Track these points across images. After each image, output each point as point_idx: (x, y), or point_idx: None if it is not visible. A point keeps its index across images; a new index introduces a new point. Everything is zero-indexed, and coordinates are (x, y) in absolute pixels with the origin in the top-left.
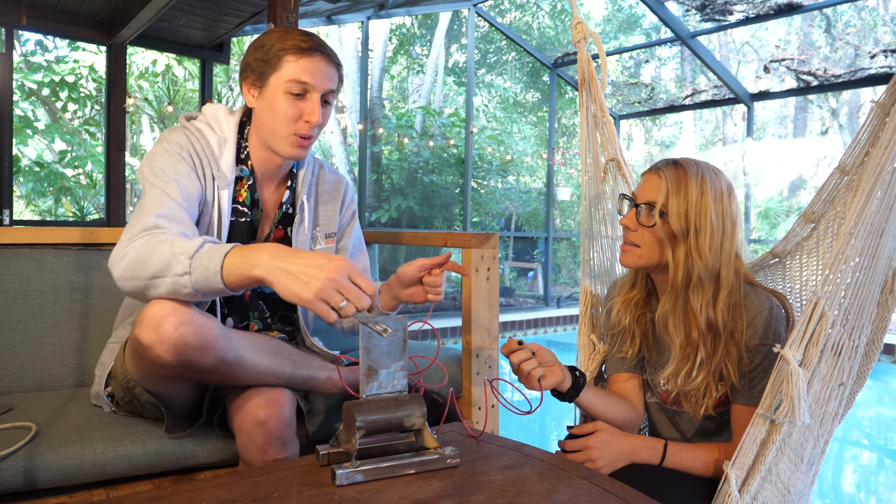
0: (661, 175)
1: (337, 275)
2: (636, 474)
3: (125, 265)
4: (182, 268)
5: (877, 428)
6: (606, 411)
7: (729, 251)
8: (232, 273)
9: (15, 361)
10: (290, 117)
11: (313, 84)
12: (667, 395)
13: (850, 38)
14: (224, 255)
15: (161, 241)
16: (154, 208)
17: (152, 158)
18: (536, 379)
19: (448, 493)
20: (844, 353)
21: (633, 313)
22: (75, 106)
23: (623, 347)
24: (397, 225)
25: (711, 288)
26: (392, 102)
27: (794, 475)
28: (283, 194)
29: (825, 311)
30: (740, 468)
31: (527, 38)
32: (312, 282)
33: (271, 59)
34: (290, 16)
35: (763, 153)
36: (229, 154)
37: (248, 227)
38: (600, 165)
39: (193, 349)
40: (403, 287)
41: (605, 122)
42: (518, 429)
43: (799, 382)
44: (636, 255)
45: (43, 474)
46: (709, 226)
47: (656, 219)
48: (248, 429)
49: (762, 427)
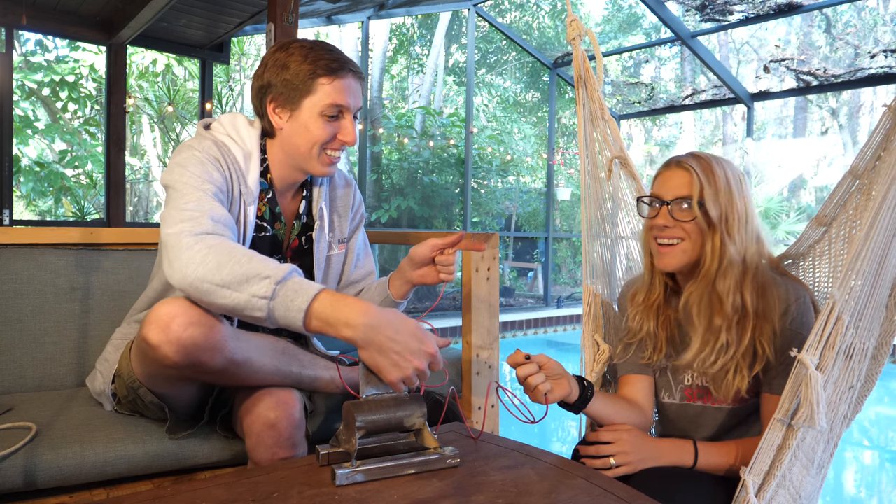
0: (687, 168)
1: (424, 364)
2: (652, 480)
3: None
4: (264, 290)
5: (877, 428)
6: (616, 419)
7: (753, 234)
8: (318, 319)
9: (15, 361)
10: (324, 139)
11: (348, 105)
12: (690, 391)
13: (850, 38)
14: (314, 295)
15: (237, 249)
16: (203, 210)
17: (183, 164)
18: (543, 394)
19: (448, 493)
20: (855, 356)
21: (657, 319)
22: (75, 106)
23: (645, 353)
24: (397, 225)
25: (738, 271)
26: (392, 102)
27: (805, 479)
28: (300, 204)
29: (841, 314)
30: (757, 474)
31: (527, 38)
32: (404, 367)
33: (303, 83)
34: (290, 16)
35: (763, 153)
36: (255, 169)
37: (269, 241)
38: (598, 164)
39: (202, 350)
40: (415, 268)
41: (605, 119)
42: (518, 429)
43: (818, 387)
44: (679, 251)
45: (43, 474)
46: (735, 211)
47: (696, 211)
48: (258, 430)
49: (779, 432)
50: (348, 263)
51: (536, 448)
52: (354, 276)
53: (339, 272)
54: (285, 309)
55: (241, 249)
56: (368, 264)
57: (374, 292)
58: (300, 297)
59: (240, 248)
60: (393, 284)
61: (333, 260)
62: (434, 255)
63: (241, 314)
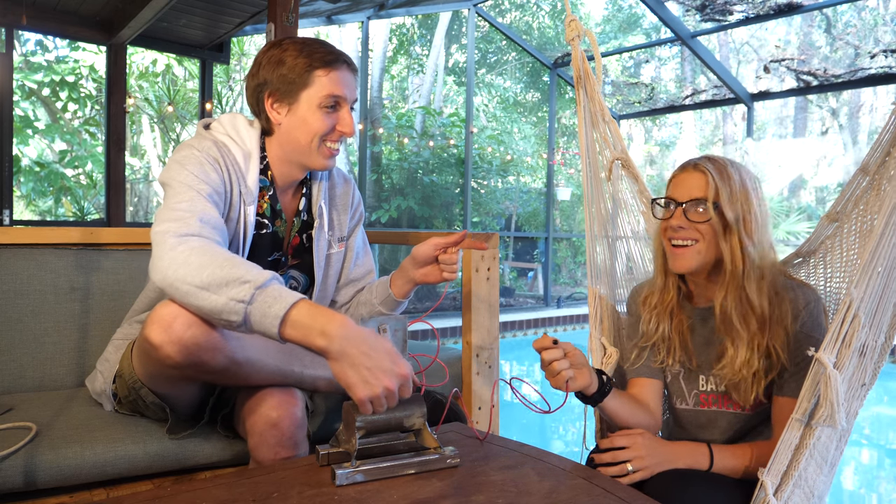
0: (702, 170)
1: (395, 385)
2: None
3: (171, 260)
4: (243, 294)
5: (877, 428)
6: (629, 419)
7: (767, 240)
8: (294, 328)
9: (15, 361)
10: (324, 131)
11: (345, 96)
12: (705, 395)
13: (850, 38)
14: (292, 303)
15: (219, 253)
16: (194, 211)
17: (182, 163)
18: (565, 381)
19: (448, 493)
20: (868, 354)
21: (670, 321)
22: (75, 106)
23: (657, 357)
24: (397, 225)
25: (759, 275)
26: (392, 102)
27: (819, 478)
28: (300, 202)
29: (858, 312)
30: (775, 475)
31: (527, 38)
32: (373, 385)
33: (300, 76)
34: (290, 16)
35: (763, 153)
36: (254, 169)
37: (270, 238)
38: (599, 164)
39: (204, 349)
40: (418, 267)
41: (606, 120)
42: (518, 429)
43: (837, 385)
44: (694, 253)
45: (43, 474)
46: (752, 213)
47: (711, 213)
48: (260, 430)
49: (797, 432)
50: (348, 262)
51: (536, 448)
52: (354, 274)
53: (338, 270)
54: (262, 315)
55: (224, 253)
56: (368, 263)
57: (375, 291)
58: (278, 303)
59: (223, 251)
60: (395, 283)
61: (333, 258)
62: (437, 254)
63: (217, 318)
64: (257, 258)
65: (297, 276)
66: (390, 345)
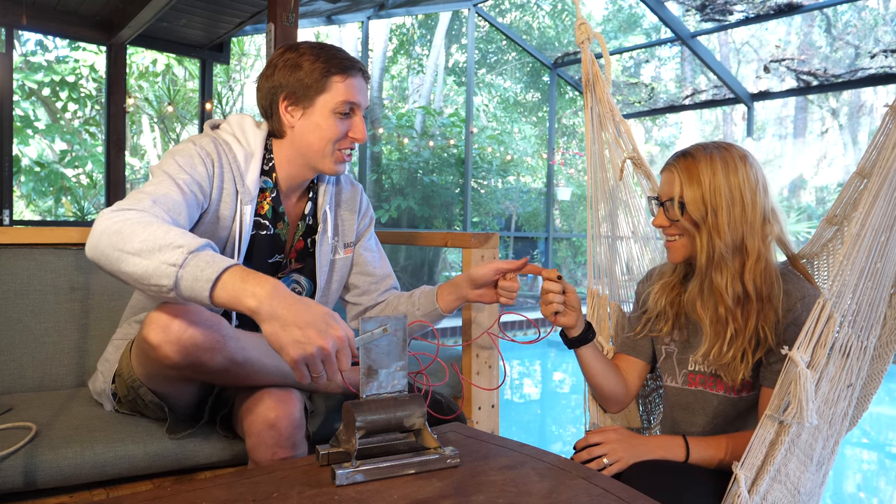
0: (671, 170)
1: (331, 346)
2: (646, 473)
3: (104, 229)
4: (175, 258)
5: (877, 428)
6: (599, 374)
7: (752, 219)
8: (226, 290)
9: (15, 361)
10: (336, 137)
11: (359, 102)
12: (692, 375)
13: (850, 38)
14: (224, 268)
15: (157, 223)
16: (154, 193)
17: (174, 153)
18: (553, 312)
19: (448, 493)
20: (853, 354)
21: (670, 296)
22: (75, 106)
23: (658, 327)
24: (397, 225)
25: (737, 261)
26: (392, 102)
27: (804, 476)
28: (306, 206)
29: (832, 312)
30: (749, 469)
31: (527, 38)
32: (305, 345)
33: (317, 81)
34: (290, 16)
35: (763, 153)
36: (255, 169)
37: (269, 239)
38: (606, 166)
39: (202, 349)
40: (473, 287)
41: (617, 120)
42: (518, 429)
43: (807, 384)
44: (680, 247)
45: (43, 474)
46: (724, 202)
47: (677, 212)
48: (258, 430)
49: (770, 428)
50: (358, 268)
51: (536, 448)
52: (372, 279)
53: (344, 276)
54: (193, 279)
55: (160, 224)
56: (385, 267)
57: (419, 302)
58: (211, 268)
59: (159, 222)
60: (443, 297)
61: (338, 264)
62: (496, 278)
63: (146, 283)
64: (256, 258)
65: (300, 280)
66: (328, 309)
